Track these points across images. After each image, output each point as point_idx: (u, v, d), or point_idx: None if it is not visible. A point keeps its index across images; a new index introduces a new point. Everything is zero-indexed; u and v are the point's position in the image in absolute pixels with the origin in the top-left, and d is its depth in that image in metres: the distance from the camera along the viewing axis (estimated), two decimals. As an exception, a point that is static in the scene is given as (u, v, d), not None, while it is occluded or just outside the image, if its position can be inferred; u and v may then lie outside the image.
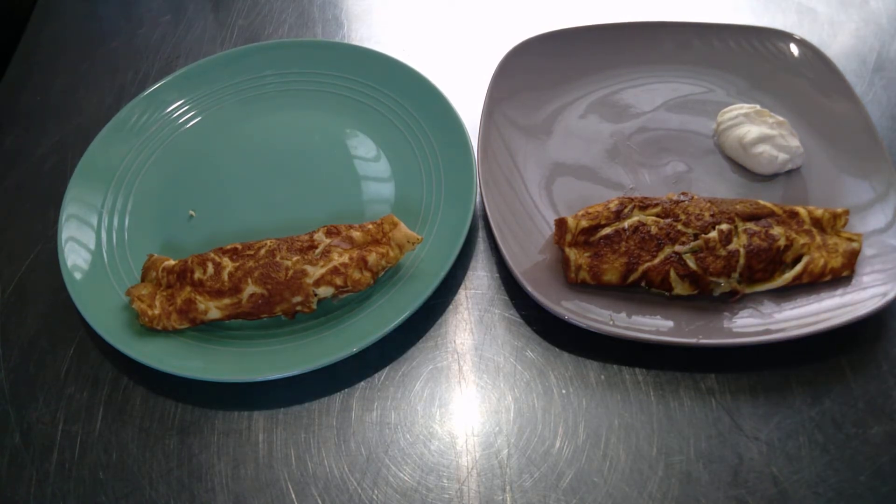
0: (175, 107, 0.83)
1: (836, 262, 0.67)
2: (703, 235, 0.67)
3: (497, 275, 0.71)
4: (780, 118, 0.77)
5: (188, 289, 0.66)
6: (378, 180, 0.77)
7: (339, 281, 0.65)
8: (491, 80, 0.80)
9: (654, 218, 0.68)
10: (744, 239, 0.67)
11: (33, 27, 0.97)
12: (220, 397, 0.64)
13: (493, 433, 0.62)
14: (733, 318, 0.65)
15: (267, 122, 0.83)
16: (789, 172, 0.76)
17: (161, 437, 0.63)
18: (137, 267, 0.70)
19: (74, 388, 0.66)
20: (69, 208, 0.73)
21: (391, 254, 0.67)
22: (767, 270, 0.66)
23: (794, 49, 0.84)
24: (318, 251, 0.67)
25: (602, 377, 0.65)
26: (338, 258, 0.66)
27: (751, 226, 0.68)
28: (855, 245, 0.68)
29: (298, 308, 0.66)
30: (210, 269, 0.66)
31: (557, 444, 0.61)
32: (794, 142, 0.76)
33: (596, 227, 0.68)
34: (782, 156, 0.75)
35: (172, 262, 0.68)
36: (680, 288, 0.66)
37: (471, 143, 0.75)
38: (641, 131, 0.80)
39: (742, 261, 0.66)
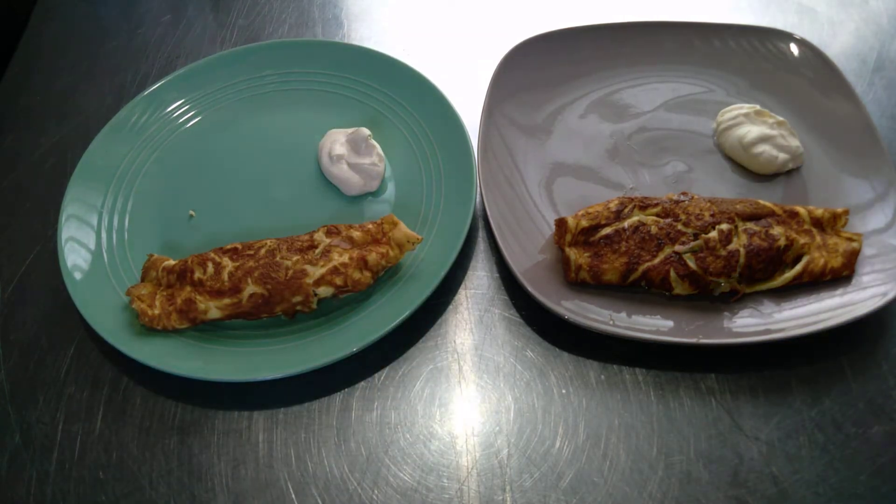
0: (175, 107, 0.83)
1: (836, 261, 0.67)
2: (703, 235, 0.67)
3: (497, 275, 0.71)
4: (780, 118, 0.77)
5: (188, 289, 0.66)
6: (378, 180, 0.77)
7: (339, 281, 0.65)
8: (491, 80, 0.80)
9: (654, 218, 0.68)
10: (744, 239, 0.67)
11: (33, 27, 0.97)
12: (220, 397, 0.64)
13: (493, 433, 0.62)
14: (733, 318, 0.65)
15: (267, 122, 0.82)
16: (789, 172, 0.76)
17: (161, 437, 0.63)
18: (137, 267, 0.70)
19: (74, 388, 0.66)
20: (69, 208, 0.73)
21: (391, 254, 0.67)
22: (767, 270, 0.66)
23: (794, 49, 0.84)
24: (318, 251, 0.67)
25: (602, 377, 0.65)
26: (338, 258, 0.66)
27: (751, 226, 0.68)
28: (855, 245, 0.68)
29: (298, 308, 0.66)
30: (210, 268, 0.66)
31: (557, 444, 0.61)
32: (794, 142, 0.76)
33: (596, 227, 0.68)
34: (782, 156, 0.75)
35: (172, 261, 0.68)
36: (680, 288, 0.66)
37: (471, 143, 0.75)
38: (641, 131, 0.80)
39: (742, 261, 0.66)
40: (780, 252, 0.66)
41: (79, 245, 0.71)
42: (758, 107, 0.78)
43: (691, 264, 0.66)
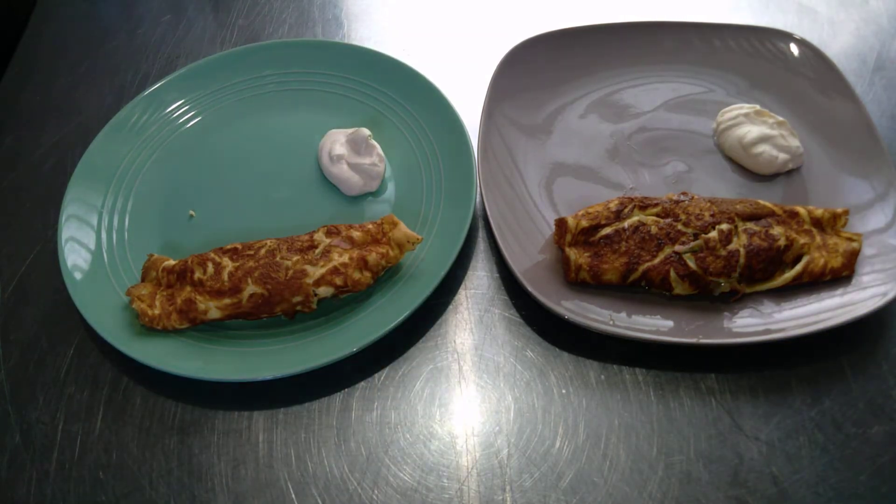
0: (175, 107, 0.83)
1: (836, 261, 0.67)
2: (703, 235, 0.67)
3: (497, 275, 0.71)
4: (780, 118, 0.77)
5: (188, 289, 0.66)
6: (378, 180, 0.77)
7: (339, 281, 0.65)
8: (491, 80, 0.80)
9: (654, 218, 0.68)
10: (744, 239, 0.67)
11: (33, 27, 0.97)
12: (220, 397, 0.64)
13: (493, 433, 0.62)
14: (733, 318, 0.65)
15: (267, 121, 0.82)
16: (789, 172, 0.76)
17: (161, 437, 0.63)
18: (137, 267, 0.70)
19: (74, 388, 0.66)
20: (69, 208, 0.73)
21: (391, 254, 0.67)
22: (767, 270, 0.66)
23: (794, 49, 0.84)
24: (318, 251, 0.67)
25: (602, 377, 0.65)
26: (338, 258, 0.66)
27: (751, 226, 0.68)
28: (855, 245, 0.68)
29: (298, 308, 0.66)
30: (210, 269, 0.66)
31: (557, 444, 0.61)
32: (794, 142, 0.76)
33: (596, 227, 0.68)
34: (782, 156, 0.75)
35: (172, 262, 0.68)
36: (680, 288, 0.66)
37: (471, 143, 0.75)
38: (641, 131, 0.80)
39: (742, 261, 0.66)
40: (780, 252, 0.66)
41: (79, 245, 0.71)
42: (758, 107, 0.78)
43: (691, 264, 0.66)
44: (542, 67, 0.83)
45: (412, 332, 0.68)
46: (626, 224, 0.68)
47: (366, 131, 0.75)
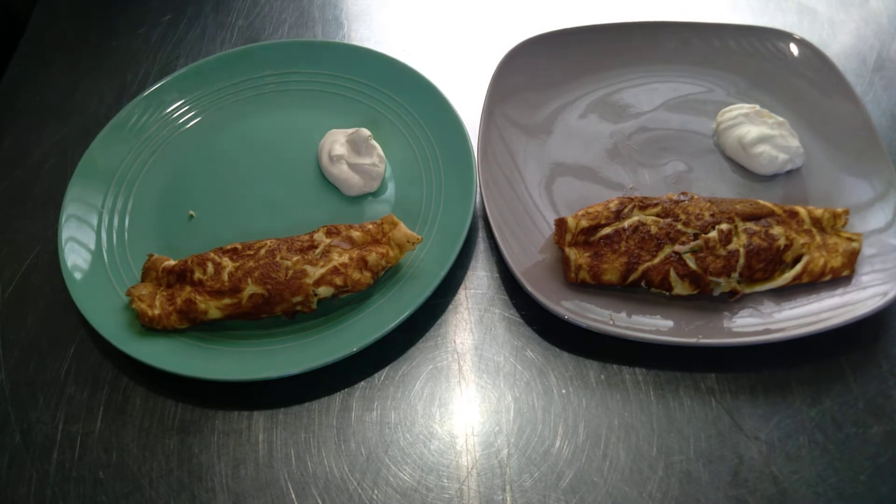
0: (175, 107, 0.83)
1: (836, 261, 0.67)
2: (703, 235, 0.67)
3: (497, 275, 0.71)
4: (780, 118, 0.77)
5: (188, 289, 0.66)
6: (378, 180, 0.77)
7: (339, 281, 0.65)
8: (491, 80, 0.80)
9: (654, 218, 0.68)
10: (744, 239, 0.67)
11: (33, 27, 0.97)
12: (220, 397, 0.64)
13: (493, 433, 0.62)
14: (733, 318, 0.65)
15: (267, 122, 0.82)
16: (789, 172, 0.76)
17: (161, 437, 0.63)
18: (137, 267, 0.70)
19: (74, 388, 0.66)
20: (69, 208, 0.73)
21: (391, 254, 0.67)
22: (767, 270, 0.66)
23: (794, 49, 0.84)
24: (318, 251, 0.67)
25: (602, 377, 0.65)
26: (338, 258, 0.66)
27: (751, 225, 0.68)
28: (855, 245, 0.68)
29: (298, 308, 0.66)
30: (210, 269, 0.66)
31: (557, 444, 0.61)
32: (794, 142, 0.76)
33: (596, 227, 0.68)
34: (782, 156, 0.75)
35: (172, 262, 0.68)
36: (680, 288, 0.66)
37: (471, 143, 0.75)
38: (641, 131, 0.80)
39: (742, 260, 0.66)
40: (779, 252, 0.66)
41: (79, 245, 0.71)
42: (758, 107, 0.78)
43: (691, 264, 0.66)
44: (542, 67, 0.83)
45: (412, 332, 0.68)
46: (626, 224, 0.68)
47: (366, 131, 0.75)
